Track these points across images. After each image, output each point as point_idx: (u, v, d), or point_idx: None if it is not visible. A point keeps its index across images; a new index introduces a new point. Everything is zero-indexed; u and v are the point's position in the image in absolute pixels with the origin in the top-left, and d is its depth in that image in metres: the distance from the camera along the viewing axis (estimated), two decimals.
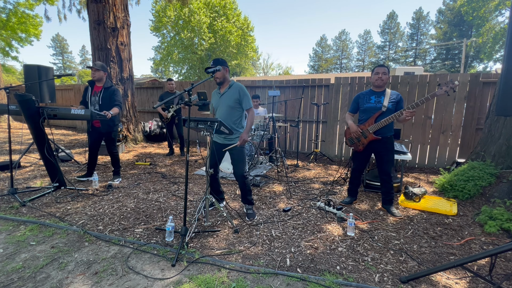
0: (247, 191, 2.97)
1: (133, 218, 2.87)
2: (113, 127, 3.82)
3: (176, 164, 5.23)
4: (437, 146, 5.04)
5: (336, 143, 5.87)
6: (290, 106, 6.32)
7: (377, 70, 2.92)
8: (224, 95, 2.82)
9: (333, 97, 5.80)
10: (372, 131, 2.97)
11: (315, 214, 3.03)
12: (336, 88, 5.76)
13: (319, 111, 5.88)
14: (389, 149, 3.02)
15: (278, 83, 6.53)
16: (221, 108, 2.82)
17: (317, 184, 4.14)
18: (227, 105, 2.80)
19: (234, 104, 2.79)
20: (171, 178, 4.27)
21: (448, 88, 2.71)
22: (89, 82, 3.81)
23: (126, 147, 6.38)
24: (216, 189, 3.05)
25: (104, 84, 3.72)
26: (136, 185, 3.91)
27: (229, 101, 2.80)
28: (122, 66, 6.35)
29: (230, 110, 2.81)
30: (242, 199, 3.04)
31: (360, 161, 3.24)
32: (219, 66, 2.70)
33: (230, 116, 2.82)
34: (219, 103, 2.84)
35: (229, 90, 2.82)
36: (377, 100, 2.98)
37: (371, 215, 3.03)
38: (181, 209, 3.11)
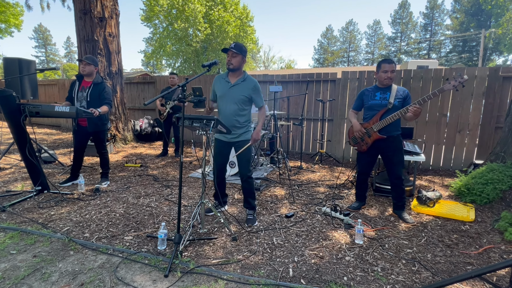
0: (251, 194, 2.98)
1: (122, 224, 2.87)
2: (101, 126, 3.81)
3: (169, 165, 5.23)
4: (453, 146, 5.04)
5: (343, 143, 5.87)
6: (293, 102, 6.32)
7: (385, 67, 2.90)
8: (236, 86, 2.76)
9: (340, 93, 5.80)
10: (377, 130, 2.98)
11: (320, 220, 3.03)
12: (343, 83, 5.76)
13: (325, 108, 5.88)
14: (397, 149, 3.02)
15: (280, 77, 6.53)
16: (230, 100, 2.76)
17: (322, 187, 4.14)
18: (239, 98, 2.75)
19: (245, 99, 2.77)
20: (164, 181, 4.27)
21: (457, 83, 2.71)
22: (77, 76, 3.80)
23: (114, 148, 6.39)
24: (222, 192, 3.08)
25: (94, 79, 3.72)
26: (125, 188, 3.91)
27: (241, 94, 2.74)
28: (111, 59, 6.35)
29: (242, 104, 2.78)
30: (245, 203, 3.05)
31: (365, 163, 3.24)
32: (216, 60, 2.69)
33: (240, 110, 2.78)
34: (228, 94, 2.76)
35: (244, 82, 2.76)
36: (382, 97, 2.99)
37: (381, 222, 3.03)
38: (175, 214, 3.11)
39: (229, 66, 2.71)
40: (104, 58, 6.23)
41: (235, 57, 2.69)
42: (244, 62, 2.75)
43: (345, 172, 4.86)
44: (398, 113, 2.87)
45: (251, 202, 3.00)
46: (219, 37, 23.14)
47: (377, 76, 3.00)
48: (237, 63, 2.70)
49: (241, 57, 2.70)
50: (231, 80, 2.80)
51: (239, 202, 3.50)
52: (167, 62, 25.61)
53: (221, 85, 2.82)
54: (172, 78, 5.68)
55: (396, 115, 2.87)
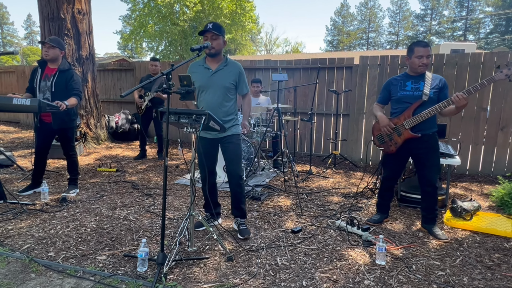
0: (242, 198, 3.01)
1: (94, 241, 2.86)
2: (68, 122, 3.82)
3: (151, 170, 5.23)
4: (494, 146, 5.04)
5: (362, 142, 5.87)
6: (301, 94, 6.32)
7: (420, 52, 2.89)
8: (219, 73, 2.83)
9: (358, 82, 5.80)
10: (409, 127, 2.98)
11: (334, 237, 3.03)
12: (362, 70, 5.76)
13: (339, 100, 5.89)
14: (432, 150, 3.02)
15: (285, 64, 6.54)
16: (214, 90, 2.82)
17: (336, 197, 4.14)
18: (224, 86, 2.83)
19: (231, 86, 2.86)
20: (145, 189, 4.27)
21: (510, 72, 2.71)
22: (39, 62, 3.81)
23: (85, 148, 6.39)
24: (214, 201, 3.10)
25: (60, 65, 3.72)
26: (98, 198, 3.92)
27: (225, 81, 2.82)
28: (80, 41, 6.35)
29: (227, 93, 2.85)
30: (234, 209, 3.07)
31: (393, 167, 3.24)
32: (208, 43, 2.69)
33: (226, 100, 2.86)
34: (210, 83, 2.82)
35: (227, 67, 2.85)
36: (414, 87, 2.98)
37: (408, 238, 3.03)
38: (158, 229, 3.11)
39: (210, 51, 2.77)
40: (72, 40, 6.24)
41: (215, 40, 2.75)
42: (225, 45, 2.87)
43: (364, 178, 4.86)
44: (436, 108, 2.85)
45: (243, 208, 3.04)
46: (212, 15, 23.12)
47: (409, 62, 3.00)
48: (219, 46, 2.79)
49: (221, 39, 2.80)
50: (211, 66, 2.86)
51: None
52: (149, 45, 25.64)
53: (201, 73, 2.87)
54: (154, 65, 5.69)
55: (434, 109, 2.86)
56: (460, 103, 2.72)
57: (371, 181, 4.49)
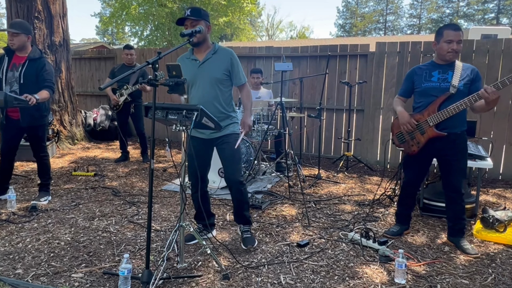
0: (245, 204, 3.03)
1: (69, 256, 2.86)
2: (39, 119, 3.82)
3: (135, 174, 5.22)
4: None
5: (379, 142, 5.87)
6: (308, 86, 6.33)
7: (450, 35, 2.86)
8: (207, 63, 2.84)
9: (374, 72, 5.80)
10: (433, 124, 2.97)
11: (346, 251, 3.03)
12: (379, 59, 5.76)
13: (353, 94, 5.89)
14: (460, 151, 3.02)
15: (289, 51, 6.54)
16: (203, 84, 2.83)
17: (349, 205, 4.14)
18: (213, 77, 2.82)
19: (223, 77, 2.85)
20: (127, 196, 4.28)
21: None
22: (6, 49, 3.81)
23: (58, 149, 6.39)
24: (201, 212, 3.08)
25: (30, 53, 3.72)
26: (73, 206, 3.92)
27: (215, 72, 2.83)
28: (53, 25, 6.35)
29: (218, 86, 2.84)
30: (236, 217, 3.09)
31: (415, 171, 3.24)
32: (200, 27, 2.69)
33: (219, 94, 2.86)
34: (198, 75, 2.84)
35: (215, 56, 2.86)
36: (442, 77, 2.97)
37: (432, 253, 3.03)
38: (142, 243, 3.11)
39: (193, 40, 2.74)
40: (43, 24, 6.24)
41: (195, 26, 2.75)
42: (209, 30, 2.88)
43: (381, 184, 4.86)
44: (466, 102, 2.83)
45: (246, 215, 3.06)
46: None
47: (436, 48, 2.98)
48: (201, 33, 2.77)
49: (204, 24, 2.79)
50: (198, 57, 2.87)
51: (232, 225, 3.50)
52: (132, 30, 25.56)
53: (188, 66, 2.88)
54: (129, 54, 5.67)
55: (463, 104, 2.84)
56: (489, 98, 2.67)
57: (390, 187, 4.49)
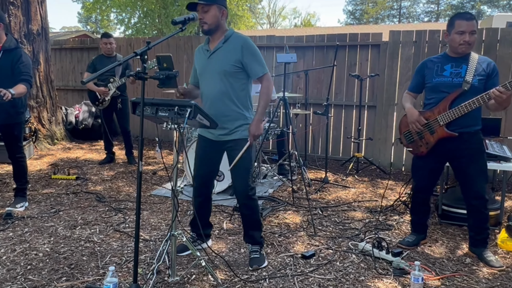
0: (255, 221, 3.00)
1: (48, 269, 2.86)
2: (15, 116, 3.82)
3: (121, 178, 5.23)
4: None
5: (392, 142, 5.87)
6: (314, 80, 6.33)
7: (462, 26, 2.87)
8: (216, 54, 2.76)
9: (387, 64, 5.81)
10: (444, 123, 2.98)
11: (357, 263, 3.03)
12: (392, 49, 5.77)
13: (364, 88, 5.89)
14: (475, 153, 3.02)
15: (293, 41, 6.54)
16: (210, 78, 2.78)
17: (359, 212, 4.14)
18: (221, 70, 2.73)
19: (233, 69, 2.73)
20: (113, 202, 4.28)
21: None
22: None
23: (36, 150, 6.39)
24: (204, 219, 3.09)
25: (4, 43, 3.72)
26: (53, 213, 3.91)
27: (224, 63, 2.73)
28: (30, 11, 6.35)
29: (228, 79, 2.74)
30: (245, 236, 3.07)
31: (424, 175, 3.25)
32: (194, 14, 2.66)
33: (229, 89, 2.75)
34: (207, 67, 2.79)
35: (225, 45, 2.75)
36: (455, 72, 2.98)
37: (452, 265, 3.03)
38: (130, 254, 3.11)
39: (203, 27, 2.71)
40: (19, 11, 6.24)
41: (207, 12, 2.66)
42: (224, 16, 2.75)
43: (395, 188, 4.86)
44: (480, 99, 2.84)
45: (255, 235, 3.01)
46: None
47: (448, 40, 2.99)
48: (213, 20, 2.69)
49: (216, 9, 2.68)
50: (210, 46, 2.82)
51: (230, 235, 3.51)
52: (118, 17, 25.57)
53: (200, 58, 2.87)
54: (108, 42, 5.63)
55: (476, 101, 2.85)
56: (498, 99, 2.70)
57: (404, 192, 4.49)
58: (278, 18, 42.27)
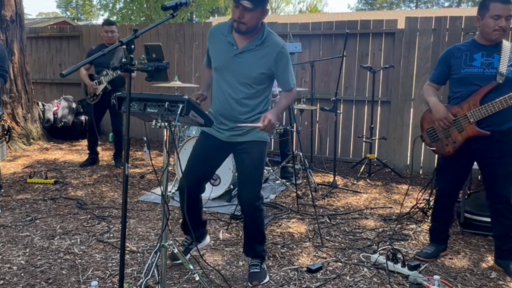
0: (258, 235, 2.99)
1: (23, 284, 2.85)
2: None
3: (105, 182, 5.22)
4: None
5: (409, 142, 5.88)
6: (322, 72, 6.34)
7: (498, 9, 2.84)
8: (246, 55, 2.68)
9: (403, 55, 5.81)
10: (475, 120, 2.97)
11: (369, 278, 3.02)
12: (409, 38, 5.77)
13: (376, 81, 5.89)
14: (508, 154, 3.02)
15: (298, 29, 6.55)
16: (233, 78, 2.72)
17: (372, 220, 4.14)
18: (247, 75, 2.69)
19: (260, 76, 2.70)
20: (96, 209, 4.27)
21: None
22: None
23: (10, 150, 6.38)
24: (195, 218, 3.05)
25: None
26: (29, 222, 3.90)
27: (253, 69, 2.68)
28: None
29: (255, 85, 2.72)
30: (245, 248, 3.07)
31: (450, 177, 3.26)
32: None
33: (252, 94, 2.74)
34: (231, 65, 2.72)
35: (261, 48, 2.67)
36: (486, 62, 2.97)
37: (475, 280, 3.02)
38: (115, 267, 3.11)
39: (239, 28, 2.58)
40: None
41: (250, 12, 2.52)
42: (265, 16, 2.66)
43: (412, 194, 4.86)
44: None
45: (257, 249, 2.99)
46: None
47: (480, 25, 2.97)
48: (255, 22, 2.59)
49: (260, 11, 2.58)
50: (238, 41, 2.70)
51: (227, 245, 3.50)
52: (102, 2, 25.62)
53: (221, 47, 2.77)
54: (110, 31, 5.66)
55: None
56: None
57: (423, 198, 4.49)
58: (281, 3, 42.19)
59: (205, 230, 3.30)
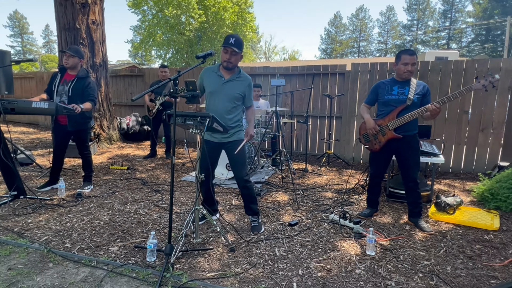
0: (251, 198, 2.98)
1: (107, 233, 2.87)
2: (83, 124, 3.82)
3: (159, 168, 5.23)
4: (475, 146, 5.04)
5: (353, 142, 5.88)
6: (298, 98, 6.32)
7: (406, 59, 2.89)
8: (230, 83, 2.78)
9: (350, 87, 5.81)
10: (392, 128, 2.99)
11: (328, 229, 3.03)
12: (353, 76, 5.77)
13: (333, 104, 5.89)
14: (413, 150, 3.04)
15: (283, 70, 6.54)
16: (223, 98, 2.78)
17: (330, 192, 4.14)
18: (233, 95, 2.78)
19: (239, 97, 2.82)
20: (153, 186, 4.27)
21: (487, 83, 2.72)
22: (60, 68, 3.82)
23: (99, 148, 6.39)
24: (208, 199, 3.05)
25: (79, 73, 3.72)
26: (111, 193, 3.92)
27: (235, 91, 2.78)
28: (94, 49, 6.35)
29: (235, 101, 2.81)
30: (246, 210, 3.05)
31: (378, 165, 3.26)
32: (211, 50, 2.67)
33: (233, 108, 2.82)
34: (221, 90, 2.78)
35: (239, 79, 2.80)
36: (400, 92, 2.99)
37: (396, 230, 3.03)
38: (166, 223, 3.11)
39: (228, 66, 2.71)
40: (87, 49, 6.24)
41: (235, 55, 2.70)
42: (241, 59, 2.80)
43: (355, 175, 4.86)
44: (418, 112, 2.87)
45: (253, 207, 3.00)
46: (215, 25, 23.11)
47: (395, 69, 3.00)
48: (236, 62, 2.75)
49: (240, 55, 2.74)
50: (224, 75, 2.80)
51: (237, 209, 3.50)
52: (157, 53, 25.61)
53: (213, 80, 2.81)
54: (164, 71, 5.69)
55: (415, 113, 2.88)
56: (433, 112, 2.80)
57: (362, 178, 4.49)
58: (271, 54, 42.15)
59: (216, 208, 3.21)
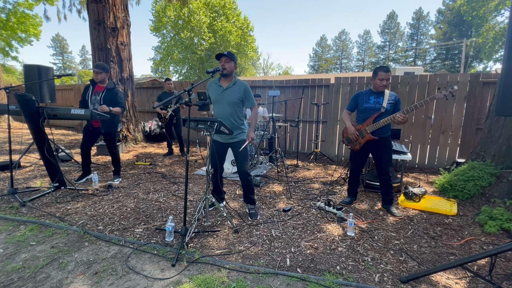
0: (250, 189, 2.97)
1: (133, 218, 2.87)
2: (113, 127, 3.82)
3: (176, 164, 5.23)
4: (437, 146, 5.04)
5: (336, 143, 5.87)
6: (290, 106, 6.31)
7: (382, 75, 2.89)
8: (228, 90, 2.77)
9: (333, 97, 5.80)
10: (370, 131, 2.99)
11: (315, 214, 3.03)
12: (336, 88, 5.76)
13: (319, 111, 5.88)
14: (387, 149, 3.03)
15: (278, 83, 6.53)
16: (223, 104, 2.78)
17: (317, 184, 4.14)
18: (232, 101, 2.76)
19: (238, 101, 2.79)
20: (171, 178, 4.27)
21: (447, 93, 2.72)
22: (91, 81, 3.81)
23: (126, 147, 6.38)
24: (217, 190, 3.05)
25: (107, 85, 3.72)
26: (136, 185, 3.91)
27: (233, 97, 2.76)
28: (122, 66, 6.35)
29: (234, 106, 2.79)
30: (245, 199, 3.04)
31: (358, 161, 3.25)
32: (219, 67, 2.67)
33: (235, 112, 2.80)
34: (221, 97, 2.78)
35: (234, 86, 2.78)
36: (376, 101, 2.98)
37: (371, 215, 3.03)
38: (181, 209, 3.11)
39: (223, 71, 2.71)
40: (116, 65, 6.24)
41: (228, 63, 2.71)
42: (235, 68, 2.80)
43: (338, 170, 4.85)
44: (390, 118, 2.87)
45: (251, 197, 3.00)
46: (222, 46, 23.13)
47: (373, 82, 2.99)
48: (230, 69, 2.74)
49: (233, 63, 2.74)
50: (223, 84, 2.81)
51: (240, 198, 3.50)
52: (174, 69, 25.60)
53: (214, 89, 2.83)
54: (169, 83, 5.63)
55: (388, 119, 2.88)
56: (403, 120, 2.80)
57: (343, 172, 4.48)
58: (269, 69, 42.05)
59: (223, 197, 3.20)
